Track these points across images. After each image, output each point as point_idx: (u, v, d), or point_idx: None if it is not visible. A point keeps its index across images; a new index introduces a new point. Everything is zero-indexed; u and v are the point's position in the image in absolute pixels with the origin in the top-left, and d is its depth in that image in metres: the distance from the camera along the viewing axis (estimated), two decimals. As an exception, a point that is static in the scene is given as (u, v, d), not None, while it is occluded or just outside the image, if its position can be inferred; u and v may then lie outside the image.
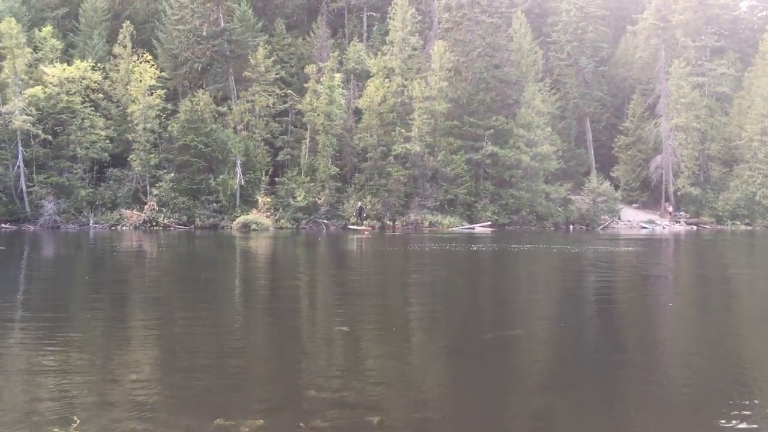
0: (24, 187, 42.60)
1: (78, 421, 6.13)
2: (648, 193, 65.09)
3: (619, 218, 58.13)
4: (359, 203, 47.13)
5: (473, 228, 49.18)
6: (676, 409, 6.89)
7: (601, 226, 55.14)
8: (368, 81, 52.12)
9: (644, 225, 56.49)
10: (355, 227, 45.50)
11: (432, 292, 15.97)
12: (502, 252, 28.02)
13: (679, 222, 59.44)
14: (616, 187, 60.99)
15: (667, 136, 61.91)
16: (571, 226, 55.12)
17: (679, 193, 61.30)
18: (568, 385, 7.86)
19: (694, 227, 57.57)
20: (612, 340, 10.65)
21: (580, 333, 11.13)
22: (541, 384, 7.89)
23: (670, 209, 61.81)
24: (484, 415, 6.77)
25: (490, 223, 50.98)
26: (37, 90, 42.90)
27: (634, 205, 63.59)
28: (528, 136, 53.91)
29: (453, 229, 48.35)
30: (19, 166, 42.42)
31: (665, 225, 57.39)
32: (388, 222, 49.23)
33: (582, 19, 66.21)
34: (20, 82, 42.67)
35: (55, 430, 5.95)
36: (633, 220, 58.60)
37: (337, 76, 50.25)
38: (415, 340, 10.41)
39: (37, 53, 45.87)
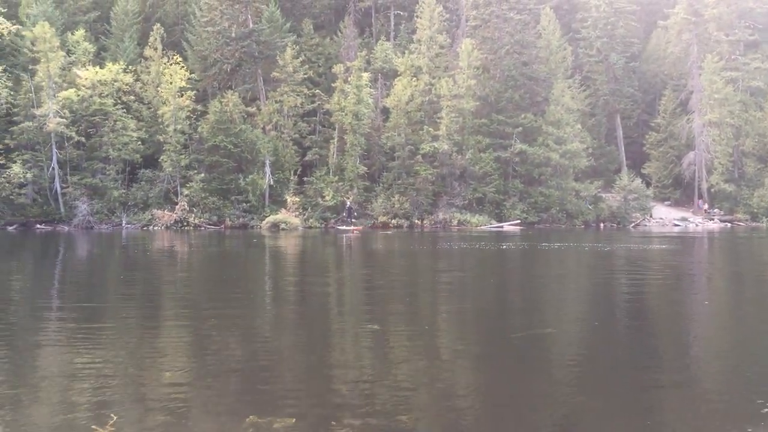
0: (58, 189, 43.40)
1: (114, 418, 6.23)
2: (680, 191, 64.06)
3: (651, 216, 57.28)
4: (348, 202, 46.52)
5: (502, 226, 48.89)
6: (708, 412, 6.76)
7: (633, 224, 54.41)
8: (396, 80, 52.11)
9: (677, 223, 55.62)
10: (344, 227, 44.31)
11: (462, 290, 15.90)
12: (533, 250, 27.79)
13: (713, 219, 58.35)
14: (648, 185, 60.13)
15: (700, 132, 60.85)
16: (601, 224, 54.48)
17: (712, 190, 60.19)
18: (600, 386, 7.76)
19: (728, 225, 56.46)
20: (644, 339, 10.49)
21: (612, 332, 10.99)
22: (572, 384, 7.80)
23: (704, 206, 60.75)
24: (515, 415, 6.72)
25: (519, 221, 50.64)
26: (71, 93, 43.67)
27: (666, 203, 62.64)
28: (557, 134, 53.43)
29: (482, 227, 48.11)
30: (53, 168, 43.24)
31: (698, 222, 56.41)
32: (416, 221, 49.17)
33: (612, 14, 65.40)
34: (54, 85, 43.48)
35: (93, 426, 6.05)
36: (665, 217, 57.72)
37: (365, 75, 50.33)
38: (445, 339, 10.37)
39: (70, 57, 46.72)
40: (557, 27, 62.69)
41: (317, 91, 52.82)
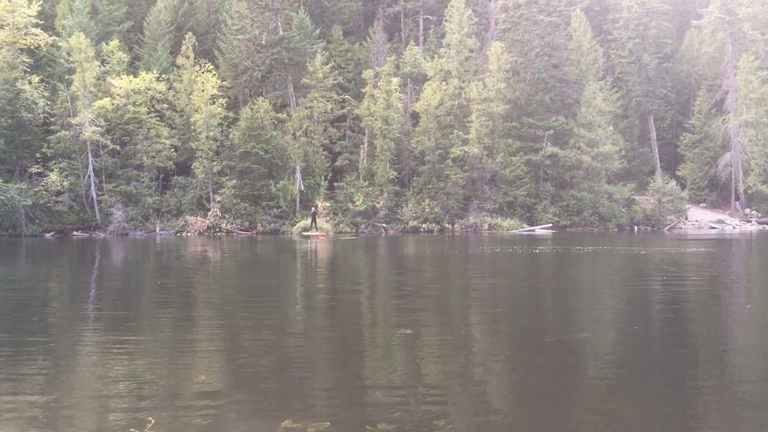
0: (94, 196, 44.17)
1: (153, 422, 6.31)
2: (716, 192, 62.98)
3: (686, 218, 56.36)
4: (313, 208, 45.53)
5: (533, 230, 48.51)
6: (749, 418, 6.60)
7: (668, 227, 53.58)
8: (425, 84, 52.13)
9: (713, 225, 54.62)
10: (309, 233, 42.70)
11: (496, 294, 15.78)
12: (566, 254, 27.50)
13: (750, 221, 57.19)
14: (683, 187, 59.21)
15: (736, 132, 59.76)
16: (635, 227, 53.76)
17: (749, 191, 59.04)
18: (636, 390, 7.62)
19: (767, 227, 55.28)
20: (683, 343, 10.29)
21: (649, 336, 10.80)
22: (608, 388, 7.68)
23: (741, 209, 59.55)
24: (548, 419, 6.64)
25: (550, 224, 50.23)
26: (106, 102, 44.46)
27: (701, 205, 61.59)
28: (589, 136, 52.93)
29: (513, 231, 47.80)
30: (89, 176, 44.03)
31: (735, 225, 55.33)
32: (446, 225, 49.05)
33: (644, 14, 64.62)
34: (89, 95, 44.30)
35: (132, 429, 6.14)
36: (701, 220, 56.74)
37: (394, 80, 50.44)
38: (479, 344, 10.30)
39: (105, 66, 47.58)
40: (588, 28, 62.20)
41: (347, 96, 53.09)
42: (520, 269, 22.32)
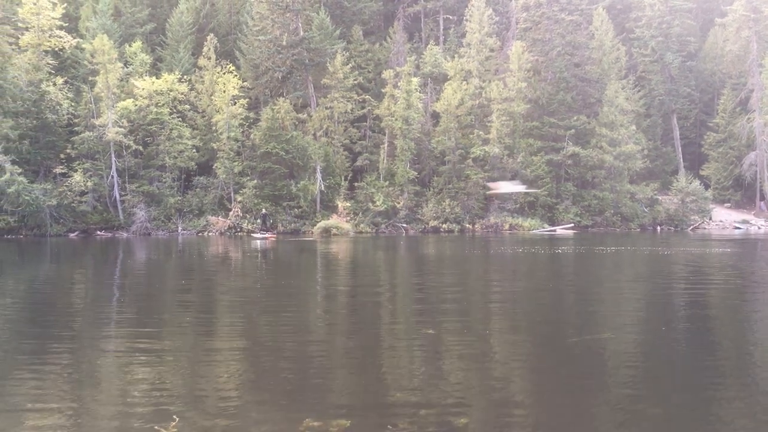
0: (117, 196, 44.63)
1: (177, 420, 6.37)
2: (741, 192, 62.11)
3: (710, 219, 55.65)
4: (263, 210, 45.27)
5: (555, 230, 48.20)
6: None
7: (691, 227, 52.97)
8: (445, 84, 52.03)
9: (738, 225, 53.88)
10: (258, 234, 41.96)
11: (518, 295, 15.70)
12: (588, 254, 27.28)
13: (776, 221, 56.38)
14: (707, 186, 58.50)
15: (762, 131, 58.90)
16: (658, 228, 53.22)
17: (775, 191, 58.18)
18: (660, 392, 7.54)
19: (793, 227, 54.48)
20: (708, 345, 10.16)
21: (673, 337, 10.68)
22: (631, 390, 7.59)
23: (766, 208, 58.67)
24: (571, 421, 6.58)
25: (572, 224, 49.89)
26: (129, 103, 44.89)
27: (726, 205, 60.77)
28: (611, 135, 52.50)
29: (534, 231, 47.54)
30: (112, 176, 44.49)
31: (761, 225, 54.50)
32: (467, 225, 48.92)
33: (667, 13, 63.94)
34: (113, 96, 44.76)
35: (156, 427, 6.19)
36: (725, 220, 55.99)
37: (414, 80, 50.41)
38: (500, 343, 10.25)
39: (127, 68, 48.07)
40: (610, 27, 61.71)
41: (367, 96, 53.15)
42: (542, 270, 22.18)
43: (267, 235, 40.94)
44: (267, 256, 28.08)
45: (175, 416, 6.47)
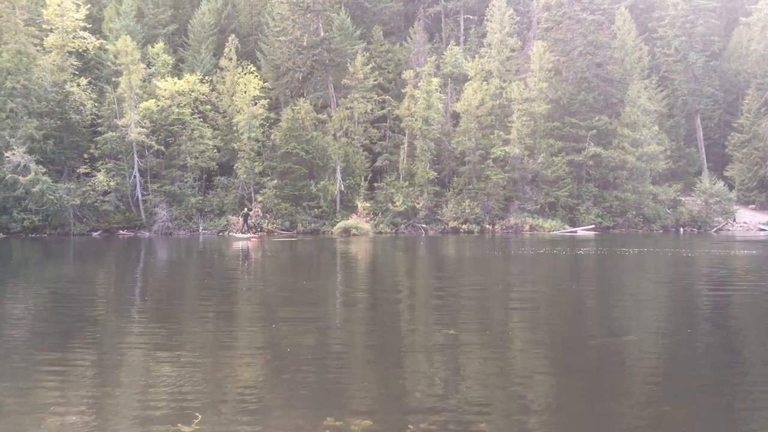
0: (139, 196, 45.04)
1: (199, 417, 6.40)
2: (766, 194, 61.17)
3: (735, 220, 54.93)
4: (245, 209, 44.77)
5: (575, 231, 47.85)
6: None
7: (715, 229, 52.33)
8: (466, 84, 51.87)
9: (762, 227, 53.07)
10: (239, 234, 41.63)
11: (539, 296, 15.59)
12: (611, 255, 27.04)
13: (802, 223, 55.47)
14: (731, 187, 57.67)
15: (787, 132, 58.01)
16: (681, 229, 52.64)
17: (801, 192, 57.26)
18: (684, 395, 7.44)
19: (819, 229, 53.55)
20: (733, 347, 10.01)
21: (698, 339, 10.53)
22: (655, 392, 7.50)
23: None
24: (593, 423, 6.52)
25: (593, 226, 49.50)
26: (151, 103, 45.28)
27: (750, 206, 59.91)
28: (633, 136, 52.04)
29: (554, 232, 47.23)
30: (135, 176, 44.90)
31: (786, 227, 53.71)
32: (487, 226, 48.72)
33: (690, 12, 63.19)
34: (135, 97, 45.16)
35: (180, 424, 6.24)
36: (750, 221, 55.21)
37: (435, 80, 50.33)
38: (521, 345, 10.18)
39: (150, 68, 48.48)
40: (633, 26, 61.22)
41: (387, 97, 53.17)
42: (563, 271, 22.03)
43: (249, 236, 40.27)
44: (286, 256, 28.18)
45: (198, 414, 6.50)
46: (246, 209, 44.88)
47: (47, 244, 35.89)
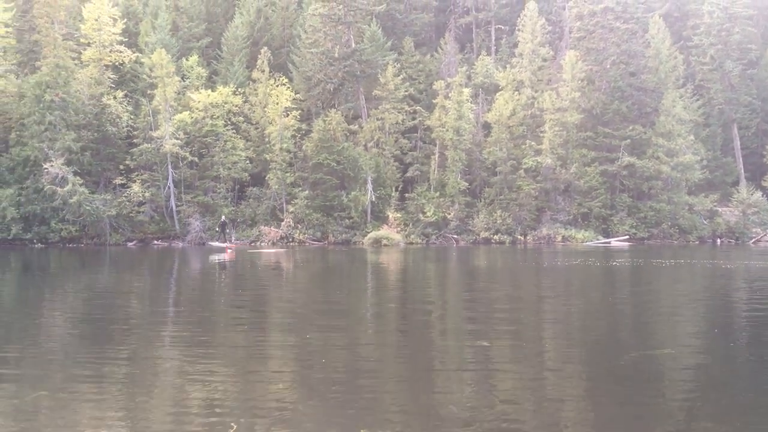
0: (173, 206, 45.65)
1: (234, 427, 6.43)
2: (806, 204, 59.61)
3: (773, 231, 53.68)
4: (222, 217, 43.38)
5: (609, 242, 47.19)
6: None
7: (753, 240, 51.20)
8: (497, 94, 51.69)
9: (802, 238, 51.82)
10: (217, 243, 40.84)
11: (573, 308, 15.39)
12: (646, 267, 26.58)
13: (844, 235, 53.94)
14: (769, 198, 56.36)
15: (828, 141, 56.61)
16: (718, 240, 51.60)
17: (843, 203, 55.66)
18: (721, 411, 7.26)
19: None
20: (776, 363, 9.75)
21: (737, 354, 10.28)
22: (691, 408, 7.33)
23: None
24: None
25: (627, 236, 48.76)
26: (185, 115, 45.97)
27: (790, 217, 58.39)
28: (668, 146, 51.24)
29: (587, 243, 46.64)
30: (169, 187, 45.56)
31: (827, 238, 52.29)
32: (519, 236, 48.32)
33: (726, 20, 62.11)
34: (170, 109, 45.89)
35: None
36: (789, 233, 53.86)
37: (466, 90, 50.23)
38: (555, 357, 10.04)
39: (184, 81, 49.23)
40: (667, 35, 60.40)
41: (418, 107, 53.19)
42: (597, 282, 21.73)
43: (226, 246, 38.43)
44: (318, 266, 28.26)
45: (233, 424, 6.53)
46: (224, 217, 43.63)
47: (84, 254, 36.54)
